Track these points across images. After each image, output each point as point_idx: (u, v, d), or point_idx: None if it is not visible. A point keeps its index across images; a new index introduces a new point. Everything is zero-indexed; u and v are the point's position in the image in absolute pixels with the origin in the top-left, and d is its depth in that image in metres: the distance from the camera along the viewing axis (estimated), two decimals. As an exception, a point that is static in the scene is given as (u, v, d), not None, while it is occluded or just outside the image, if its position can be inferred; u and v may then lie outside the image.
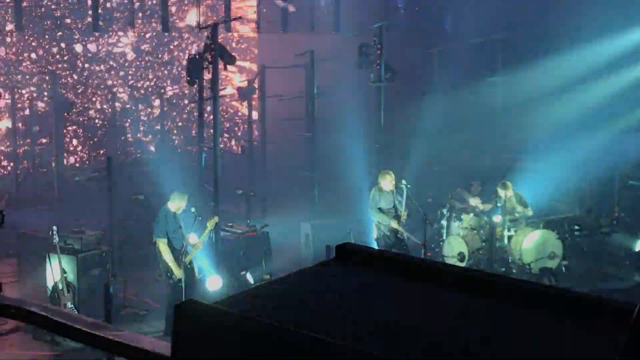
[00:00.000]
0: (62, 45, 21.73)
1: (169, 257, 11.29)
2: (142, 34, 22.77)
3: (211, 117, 15.26)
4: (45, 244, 12.22)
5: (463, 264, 13.75)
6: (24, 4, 19.74)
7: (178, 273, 11.27)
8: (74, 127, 22.04)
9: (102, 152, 22.06)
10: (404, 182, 13.07)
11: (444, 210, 15.33)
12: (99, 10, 20.02)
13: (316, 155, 16.88)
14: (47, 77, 20.66)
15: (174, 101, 23.58)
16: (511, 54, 17.71)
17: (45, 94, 21.07)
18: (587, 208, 16.35)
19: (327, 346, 2.15)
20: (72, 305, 11.64)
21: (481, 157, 18.13)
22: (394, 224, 12.86)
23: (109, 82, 22.56)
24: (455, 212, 15.06)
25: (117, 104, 22.42)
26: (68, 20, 21.16)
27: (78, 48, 22.04)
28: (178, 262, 11.36)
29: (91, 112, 22.50)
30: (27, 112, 20.45)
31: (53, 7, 20.77)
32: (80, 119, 22.26)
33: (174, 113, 23.63)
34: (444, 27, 21.26)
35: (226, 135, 23.32)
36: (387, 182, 13.00)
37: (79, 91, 22.09)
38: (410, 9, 21.75)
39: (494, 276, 2.87)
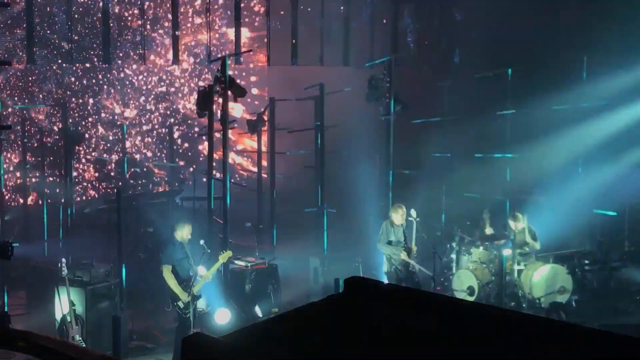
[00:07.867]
0: (73, 77, 21.89)
1: (173, 282, 11.09)
2: (152, 65, 22.92)
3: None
4: (54, 277, 12.24)
5: (472, 298, 13.69)
6: (36, 35, 19.88)
7: (184, 297, 11.10)
8: (83, 159, 22.13)
9: (112, 184, 22.13)
10: (413, 214, 13.03)
11: (454, 244, 15.29)
12: (110, 42, 20.13)
13: (325, 187, 16.85)
14: (57, 109, 20.76)
15: (184, 133, 23.68)
16: (520, 87, 17.71)
17: (55, 126, 21.17)
18: (597, 242, 16.27)
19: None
20: (80, 338, 11.62)
21: (491, 190, 18.07)
22: (404, 256, 12.81)
23: (119, 114, 22.69)
24: (464, 246, 15.03)
25: (127, 137, 22.53)
26: (79, 51, 21.28)
27: (89, 80, 22.19)
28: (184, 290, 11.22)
29: (101, 144, 22.60)
30: (36, 144, 20.53)
31: (64, 38, 20.91)
32: (90, 151, 22.35)
33: (185, 145, 23.72)
34: (453, 60, 21.32)
35: (236, 166, 23.38)
36: (399, 215, 12.98)
37: (89, 123, 22.21)
38: (419, 42, 21.85)
39: (503, 311, 2.86)
